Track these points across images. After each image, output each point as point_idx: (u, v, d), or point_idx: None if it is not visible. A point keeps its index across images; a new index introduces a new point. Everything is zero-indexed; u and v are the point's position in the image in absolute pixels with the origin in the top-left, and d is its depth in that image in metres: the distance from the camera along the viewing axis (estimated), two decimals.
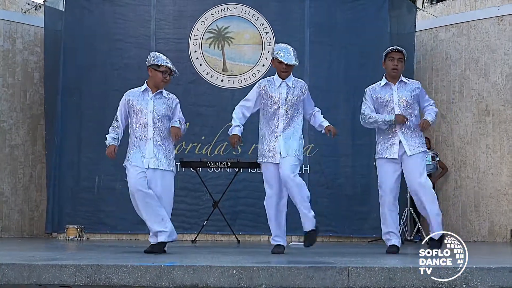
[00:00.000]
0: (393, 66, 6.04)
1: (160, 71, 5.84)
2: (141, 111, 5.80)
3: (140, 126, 5.79)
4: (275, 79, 5.93)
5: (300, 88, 5.95)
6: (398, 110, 5.96)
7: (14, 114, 9.53)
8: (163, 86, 5.91)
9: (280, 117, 5.82)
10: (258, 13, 9.51)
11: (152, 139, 5.77)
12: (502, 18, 9.28)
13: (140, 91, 5.90)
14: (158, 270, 4.17)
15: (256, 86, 5.98)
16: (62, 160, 9.24)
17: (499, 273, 4.14)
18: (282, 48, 5.88)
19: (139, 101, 5.84)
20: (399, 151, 5.93)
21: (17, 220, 9.43)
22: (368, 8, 9.48)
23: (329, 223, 9.13)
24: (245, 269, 4.16)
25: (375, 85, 6.20)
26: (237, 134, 5.93)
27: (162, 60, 5.88)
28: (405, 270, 4.15)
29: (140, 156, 5.72)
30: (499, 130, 9.19)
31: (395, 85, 6.07)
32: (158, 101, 5.86)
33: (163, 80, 5.86)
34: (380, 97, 6.07)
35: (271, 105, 5.84)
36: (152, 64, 5.87)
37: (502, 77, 9.22)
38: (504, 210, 9.07)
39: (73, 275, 4.17)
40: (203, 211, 9.03)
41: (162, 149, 5.78)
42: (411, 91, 6.06)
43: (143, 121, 5.79)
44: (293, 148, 5.76)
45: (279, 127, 5.81)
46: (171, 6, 9.57)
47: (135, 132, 5.82)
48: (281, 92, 5.85)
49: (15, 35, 9.63)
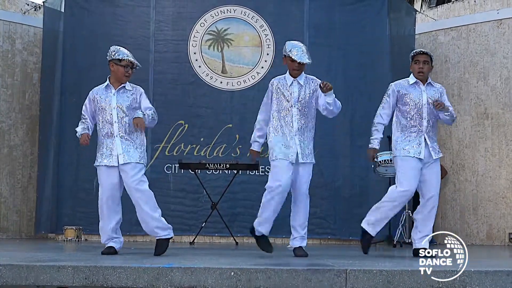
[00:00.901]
0: (418, 69, 5.93)
1: (121, 65, 5.75)
2: (106, 108, 5.75)
3: (106, 124, 5.75)
4: (286, 78, 5.85)
5: (313, 86, 5.85)
6: (426, 110, 5.86)
7: (13, 115, 9.53)
8: (126, 80, 5.81)
9: (294, 115, 5.73)
10: (258, 15, 9.52)
11: (118, 135, 5.72)
12: (501, 21, 9.29)
13: (103, 87, 5.84)
14: (156, 272, 4.17)
15: (269, 86, 5.90)
16: (61, 161, 9.24)
17: (497, 276, 4.15)
18: (295, 46, 5.80)
19: (103, 98, 5.79)
20: (425, 152, 5.83)
21: (15, 221, 9.41)
22: (367, 10, 9.50)
23: (328, 225, 9.15)
24: (243, 271, 4.17)
25: (402, 81, 6.05)
26: (255, 150, 5.92)
27: (124, 54, 5.79)
28: (403, 273, 4.16)
29: (109, 154, 5.69)
30: (497, 134, 9.20)
31: (424, 86, 5.98)
32: (121, 96, 5.78)
33: (125, 75, 5.77)
34: (410, 94, 5.93)
35: (284, 104, 5.76)
36: (114, 58, 5.78)
37: (501, 81, 9.23)
38: (503, 213, 9.07)
39: (71, 276, 4.16)
40: (201, 212, 9.03)
41: (130, 143, 5.72)
42: (439, 94, 5.98)
43: (108, 118, 5.74)
44: (310, 153, 5.75)
45: (294, 127, 5.71)
46: (170, 8, 9.57)
47: (102, 130, 5.78)
48: (293, 91, 5.77)
49: (15, 35, 9.62)
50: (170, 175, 9.24)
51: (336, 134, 9.27)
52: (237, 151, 9.22)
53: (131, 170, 5.64)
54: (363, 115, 9.32)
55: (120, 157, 5.66)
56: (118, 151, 5.68)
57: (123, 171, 5.66)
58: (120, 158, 5.66)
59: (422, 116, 5.89)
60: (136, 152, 5.71)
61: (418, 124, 5.89)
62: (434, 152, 5.88)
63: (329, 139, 9.19)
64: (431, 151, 5.86)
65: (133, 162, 5.66)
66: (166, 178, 9.22)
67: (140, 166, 5.70)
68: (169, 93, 9.40)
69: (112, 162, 5.68)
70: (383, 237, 8.56)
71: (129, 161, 5.65)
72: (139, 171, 5.68)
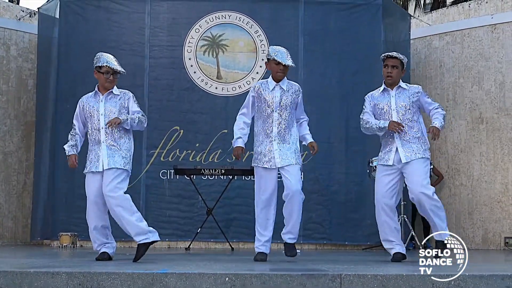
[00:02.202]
0: (387, 73, 5.96)
1: (101, 72, 5.77)
2: (94, 115, 5.77)
3: (94, 130, 5.77)
4: (269, 82, 5.89)
5: (294, 92, 5.91)
6: (396, 116, 5.83)
7: (8, 121, 9.52)
8: (109, 87, 5.80)
9: (274, 120, 5.78)
10: (253, 20, 9.53)
11: (105, 141, 5.71)
12: (496, 26, 9.32)
13: (92, 94, 5.87)
14: (150, 278, 4.15)
15: (250, 90, 5.98)
16: (56, 167, 9.22)
17: (492, 280, 4.15)
18: (278, 49, 5.84)
19: (91, 105, 5.80)
20: (395, 157, 5.83)
21: (10, 227, 9.39)
22: (362, 16, 9.51)
23: (324, 230, 9.15)
24: (238, 277, 4.16)
25: (375, 92, 6.12)
26: (240, 145, 5.90)
27: (103, 60, 5.79)
28: (398, 277, 4.15)
29: (95, 161, 5.70)
30: (492, 138, 9.22)
31: (393, 91, 5.97)
32: (109, 102, 5.78)
33: (107, 81, 5.77)
34: (379, 103, 5.99)
35: (265, 108, 5.81)
36: (95, 66, 5.82)
37: (496, 85, 9.26)
38: (498, 217, 9.08)
39: (65, 282, 4.15)
40: (197, 218, 9.01)
41: (116, 149, 5.70)
42: (410, 96, 5.92)
43: (96, 125, 5.75)
44: (292, 156, 5.74)
45: (274, 131, 5.77)
46: (165, 14, 9.57)
47: (90, 136, 5.81)
48: (275, 96, 5.80)
49: (10, 42, 9.62)
50: (165, 180, 9.23)
51: (331, 140, 9.28)
52: (233, 156, 9.19)
53: (109, 177, 5.61)
54: (358, 120, 9.31)
55: (104, 162, 5.65)
56: (103, 157, 5.67)
57: (105, 175, 5.64)
58: (105, 163, 5.65)
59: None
60: (121, 158, 5.68)
61: (390, 133, 5.88)
62: (406, 156, 5.76)
63: (324, 145, 9.18)
64: (401, 155, 5.77)
65: (115, 168, 5.63)
66: (161, 183, 9.21)
67: (121, 172, 5.67)
68: (164, 99, 9.39)
69: (98, 168, 5.67)
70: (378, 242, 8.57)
71: (112, 166, 5.63)
72: (118, 177, 5.63)
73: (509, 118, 9.13)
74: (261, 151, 5.80)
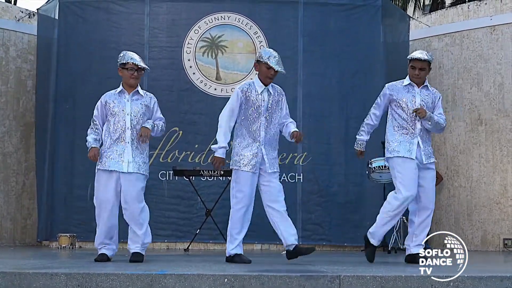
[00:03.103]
0: (414, 75, 5.86)
1: (126, 68, 5.78)
2: (119, 114, 5.74)
3: (118, 129, 5.72)
4: (256, 85, 5.74)
5: (278, 95, 5.83)
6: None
7: (7, 122, 9.51)
8: (135, 83, 5.80)
9: (261, 124, 5.68)
10: (252, 21, 9.53)
11: (130, 142, 5.71)
12: (495, 27, 9.33)
13: (116, 92, 5.84)
14: (149, 279, 4.15)
15: (237, 93, 5.73)
16: (56, 168, 9.22)
17: (491, 282, 4.15)
18: (272, 54, 5.74)
19: (116, 104, 5.77)
20: (417, 152, 5.77)
21: (9, 228, 9.38)
22: (361, 17, 9.52)
23: (323, 231, 9.14)
24: (237, 278, 4.16)
25: (397, 83, 5.96)
26: (223, 157, 5.72)
27: (128, 57, 5.80)
28: (397, 278, 4.15)
29: (117, 160, 5.66)
30: (491, 139, 9.22)
31: (419, 88, 5.89)
32: (135, 103, 5.79)
33: (132, 77, 5.77)
34: (401, 98, 5.85)
35: (252, 111, 5.68)
36: (120, 63, 5.83)
37: (495, 87, 9.26)
38: (497, 219, 9.08)
39: (64, 283, 4.15)
40: (196, 219, 9.01)
41: (139, 152, 5.73)
42: (433, 98, 5.92)
43: (121, 124, 5.72)
44: (276, 161, 5.76)
45: (261, 135, 5.68)
46: (164, 15, 9.57)
47: (112, 135, 5.74)
48: (263, 99, 5.70)
49: (9, 43, 9.61)
50: (164, 182, 9.23)
51: (331, 141, 9.28)
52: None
53: (136, 183, 5.66)
54: (358, 121, 9.30)
55: (130, 165, 5.65)
56: (128, 158, 5.67)
57: (128, 180, 5.64)
58: (130, 166, 5.65)
59: (415, 118, 5.83)
60: (143, 163, 5.75)
61: (411, 127, 5.84)
62: (426, 156, 5.80)
63: (323, 146, 9.21)
64: (423, 155, 5.78)
65: (139, 173, 5.69)
66: (160, 185, 9.20)
67: (144, 178, 5.76)
68: (163, 100, 9.31)
69: (122, 168, 5.64)
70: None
71: (137, 171, 5.67)
72: (142, 183, 5.73)
73: (508, 119, 9.13)
74: (247, 154, 5.65)
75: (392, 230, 8.20)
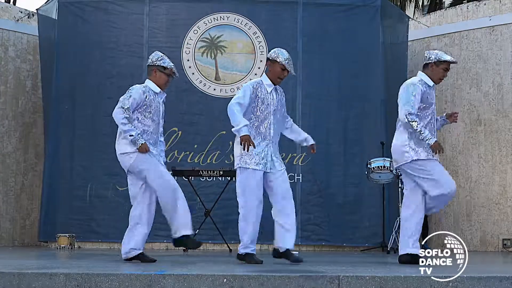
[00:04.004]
0: (442, 77, 5.93)
1: (165, 73, 5.74)
2: (156, 113, 5.74)
3: (154, 125, 5.73)
4: (265, 83, 5.70)
5: (281, 93, 5.85)
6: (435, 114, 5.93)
7: (6, 122, 9.51)
8: (164, 89, 5.83)
9: (271, 123, 5.66)
10: (251, 22, 9.53)
11: (160, 138, 5.85)
12: (494, 28, 9.34)
13: (153, 90, 5.75)
14: (148, 279, 4.15)
15: (249, 88, 5.60)
16: (55, 168, 9.21)
17: (490, 282, 4.15)
18: (286, 55, 5.67)
19: (155, 102, 5.74)
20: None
21: (8, 229, 9.39)
22: (361, 17, 9.52)
23: (322, 232, 9.14)
24: (236, 278, 4.15)
25: (425, 80, 5.89)
26: (248, 133, 5.45)
27: (169, 63, 5.77)
28: (396, 279, 4.15)
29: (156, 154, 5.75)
30: (490, 140, 9.22)
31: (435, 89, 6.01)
32: (162, 105, 5.88)
33: (167, 83, 5.80)
34: (430, 96, 5.88)
35: (262, 110, 5.64)
36: (158, 65, 5.73)
37: (494, 87, 9.27)
38: (496, 219, 9.09)
39: (63, 283, 4.14)
40: (195, 219, 8.90)
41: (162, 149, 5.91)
42: None
43: (157, 122, 5.77)
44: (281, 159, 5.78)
45: (271, 134, 5.66)
46: (164, 15, 9.58)
47: (148, 127, 5.69)
48: (273, 98, 5.69)
49: (8, 43, 9.61)
50: None
51: (330, 142, 9.28)
52: (231, 158, 9.15)
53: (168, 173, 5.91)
54: (357, 122, 9.36)
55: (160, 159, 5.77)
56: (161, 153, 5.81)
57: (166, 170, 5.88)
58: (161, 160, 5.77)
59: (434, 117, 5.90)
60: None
61: (433, 125, 5.89)
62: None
63: (322, 146, 9.18)
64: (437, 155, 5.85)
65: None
66: None
67: None
68: None
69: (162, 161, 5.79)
70: (376, 244, 8.57)
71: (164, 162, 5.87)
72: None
73: (507, 119, 9.13)
74: (258, 153, 5.58)
75: (391, 230, 8.22)
